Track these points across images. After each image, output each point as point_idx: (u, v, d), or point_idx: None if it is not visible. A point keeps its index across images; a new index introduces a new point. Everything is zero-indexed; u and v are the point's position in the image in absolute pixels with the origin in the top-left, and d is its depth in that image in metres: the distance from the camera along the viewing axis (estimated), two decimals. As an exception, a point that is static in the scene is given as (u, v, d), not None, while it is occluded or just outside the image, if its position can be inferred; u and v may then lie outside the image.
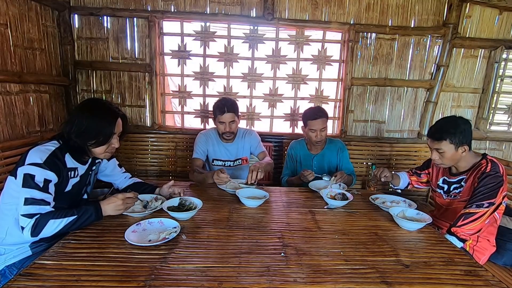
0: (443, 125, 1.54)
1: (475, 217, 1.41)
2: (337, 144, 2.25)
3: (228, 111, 1.99)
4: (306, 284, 0.95)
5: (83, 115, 1.27)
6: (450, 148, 1.50)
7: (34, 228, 1.11)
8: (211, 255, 1.08)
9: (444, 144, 1.50)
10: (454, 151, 1.51)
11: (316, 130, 2.07)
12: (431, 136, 1.56)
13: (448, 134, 1.49)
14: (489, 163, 1.49)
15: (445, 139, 1.50)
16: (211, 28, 3.05)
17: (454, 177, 1.64)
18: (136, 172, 3.11)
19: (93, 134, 1.26)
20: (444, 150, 1.52)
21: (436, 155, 1.56)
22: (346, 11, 3.01)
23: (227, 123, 2.02)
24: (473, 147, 3.23)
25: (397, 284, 0.96)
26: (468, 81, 3.23)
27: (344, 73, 3.15)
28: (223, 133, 2.06)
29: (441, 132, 1.51)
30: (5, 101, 2.19)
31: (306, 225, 1.39)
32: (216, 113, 2.03)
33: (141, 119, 3.16)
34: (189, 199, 1.48)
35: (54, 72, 2.77)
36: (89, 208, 1.22)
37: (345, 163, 2.20)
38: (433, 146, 1.56)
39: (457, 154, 1.52)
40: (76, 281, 0.91)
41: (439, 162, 1.58)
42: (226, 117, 2.00)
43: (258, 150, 2.25)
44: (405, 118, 3.30)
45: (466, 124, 1.52)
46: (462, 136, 1.49)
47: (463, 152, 1.52)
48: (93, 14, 2.89)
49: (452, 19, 2.99)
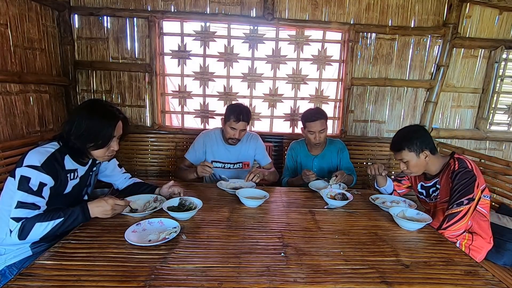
0: (400, 136, 1.62)
1: (459, 217, 1.41)
2: (337, 144, 2.24)
3: (243, 120, 1.95)
4: (306, 284, 0.95)
5: (82, 116, 1.25)
6: (412, 156, 1.55)
7: (20, 231, 1.11)
8: (211, 255, 1.08)
9: (404, 153, 1.56)
10: (417, 158, 1.55)
11: (315, 132, 2.05)
12: (392, 149, 1.64)
13: (404, 143, 1.55)
14: (456, 161, 1.52)
15: (403, 149, 1.55)
16: (211, 28, 3.06)
17: (429, 181, 1.67)
18: (136, 172, 3.11)
19: (92, 137, 1.25)
20: (407, 159, 1.56)
21: (403, 166, 1.61)
22: (346, 11, 3.01)
23: (238, 130, 1.98)
24: (473, 147, 3.27)
25: (397, 284, 0.96)
26: (468, 81, 3.23)
27: (344, 73, 3.15)
28: (230, 138, 2.03)
29: (398, 143, 1.59)
30: (5, 101, 2.19)
31: (306, 225, 1.39)
32: (229, 117, 1.97)
33: (141, 119, 3.16)
34: (189, 199, 1.48)
35: (54, 72, 2.77)
36: (76, 209, 1.21)
37: (345, 163, 2.20)
38: (396, 158, 1.62)
39: (420, 161, 1.56)
40: (76, 281, 0.91)
41: (408, 172, 1.62)
42: (239, 125, 1.96)
43: (265, 161, 2.22)
44: (405, 118, 3.30)
45: (420, 130, 1.58)
46: (420, 142, 1.53)
47: (426, 158, 1.55)
48: (93, 14, 2.89)
49: (452, 19, 2.99)
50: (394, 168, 3.18)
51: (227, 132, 2.02)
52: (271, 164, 2.25)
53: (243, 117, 1.95)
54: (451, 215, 1.43)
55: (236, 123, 1.96)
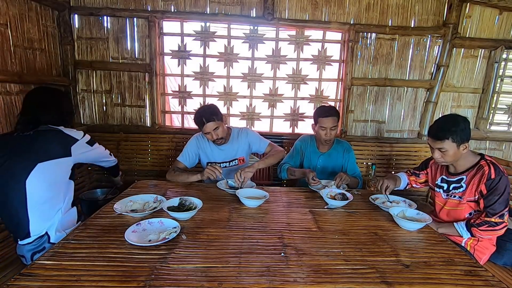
0: (444, 124, 1.54)
1: (499, 228, 1.47)
2: (344, 145, 2.23)
3: (207, 121, 1.90)
4: (306, 284, 0.95)
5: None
6: (452, 146, 1.50)
7: None
8: (211, 255, 1.08)
9: (446, 143, 1.50)
10: (456, 149, 1.51)
11: (326, 128, 2.06)
12: (433, 136, 1.55)
13: (450, 133, 1.49)
14: (491, 167, 1.50)
15: (447, 138, 1.49)
16: (211, 28, 3.05)
17: (453, 176, 1.64)
18: (136, 172, 3.12)
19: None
20: (447, 149, 1.52)
21: (438, 154, 1.56)
22: (346, 11, 3.01)
23: (212, 132, 1.94)
24: (473, 147, 3.27)
25: (397, 284, 0.96)
26: (468, 81, 3.23)
27: (344, 73, 3.15)
28: (213, 141, 2.01)
29: (443, 131, 1.51)
30: (5, 101, 2.19)
31: (306, 225, 1.39)
32: (199, 127, 1.97)
33: (141, 119, 3.16)
34: (189, 199, 1.48)
35: (54, 72, 2.77)
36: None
37: (350, 166, 2.18)
38: (435, 146, 1.55)
39: (458, 152, 1.52)
40: (76, 281, 0.91)
41: (441, 161, 1.59)
42: (208, 127, 1.92)
43: (262, 146, 2.17)
44: (405, 118, 3.30)
45: (465, 122, 1.53)
46: (463, 134, 1.49)
47: (464, 150, 1.52)
48: (93, 14, 2.89)
49: (452, 19, 2.99)
50: (394, 168, 3.18)
51: (208, 139, 2.01)
52: (271, 145, 2.17)
53: (206, 119, 1.90)
54: (493, 224, 1.47)
55: (203, 127, 1.92)
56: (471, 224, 1.51)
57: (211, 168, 1.81)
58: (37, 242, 1.39)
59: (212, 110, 1.96)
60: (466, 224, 1.54)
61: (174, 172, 1.99)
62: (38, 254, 1.37)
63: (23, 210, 1.33)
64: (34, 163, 1.34)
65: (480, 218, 1.50)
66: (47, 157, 1.37)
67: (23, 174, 1.32)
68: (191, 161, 2.10)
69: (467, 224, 1.53)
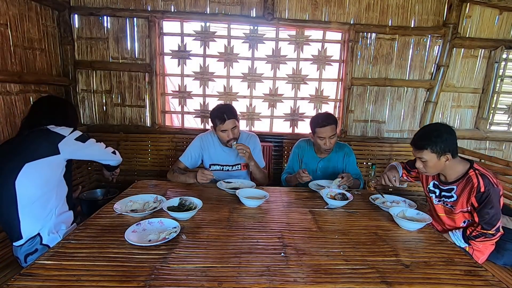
0: (425, 134, 1.51)
1: (495, 237, 1.49)
2: (344, 149, 2.17)
3: (228, 118, 1.87)
4: (306, 284, 0.95)
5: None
6: (432, 157, 1.47)
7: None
8: (211, 255, 1.08)
9: (425, 153, 1.47)
10: (437, 159, 1.47)
11: (325, 138, 1.97)
12: (413, 144, 1.54)
13: (429, 143, 1.45)
14: (479, 178, 1.44)
15: (426, 148, 1.46)
16: (211, 28, 3.05)
17: (444, 185, 1.61)
18: (136, 172, 3.12)
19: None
20: (426, 159, 1.49)
21: (420, 164, 1.54)
22: (346, 11, 3.01)
23: (230, 130, 1.91)
24: (473, 147, 3.27)
25: (397, 284, 0.96)
26: (468, 81, 3.23)
27: (344, 73, 3.15)
28: (227, 141, 1.95)
29: (422, 141, 1.48)
30: (5, 101, 2.19)
31: (306, 225, 1.39)
32: (216, 123, 1.91)
33: (141, 119, 3.16)
34: (189, 199, 1.48)
35: (54, 72, 2.77)
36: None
37: (351, 169, 2.13)
38: (415, 155, 1.54)
39: (440, 163, 1.49)
40: (76, 281, 0.91)
41: (423, 171, 1.56)
42: (227, 124, 1.88)
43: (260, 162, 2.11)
44: (405, 118, 3.30)
45: (448, 132, 1.47)
46: (444, 145, 1.44)
47: (446, 161, 1.48)
48: (93, 14, 2.89)
49: (452, 19, 2.99)
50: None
51: (221, 137, 1.96)
52: (264, 168, 2.16)
53: (227, 115, 1.88)
54: (489, 235, 1.47)
55: (222, 124, 1.89)
56: (468, 236, 1.51)
57: (202, 176, 1.80)
58: (30, 243, 1.37)
59: (232, 108, 1.98)
60: (463, 236, 1.54)
61: (174, 172, 1.99)
62: (31, 257, 1.36)
63: (14, 211, 1.32)
64: (22, 163, 1.32)
65: (476, 230, 1.49)
66: (35, 156, 1.35)
67: (12, 175, 1.31)
68: (193, 162, 2.08)
69: (463, 236, 1.53)
